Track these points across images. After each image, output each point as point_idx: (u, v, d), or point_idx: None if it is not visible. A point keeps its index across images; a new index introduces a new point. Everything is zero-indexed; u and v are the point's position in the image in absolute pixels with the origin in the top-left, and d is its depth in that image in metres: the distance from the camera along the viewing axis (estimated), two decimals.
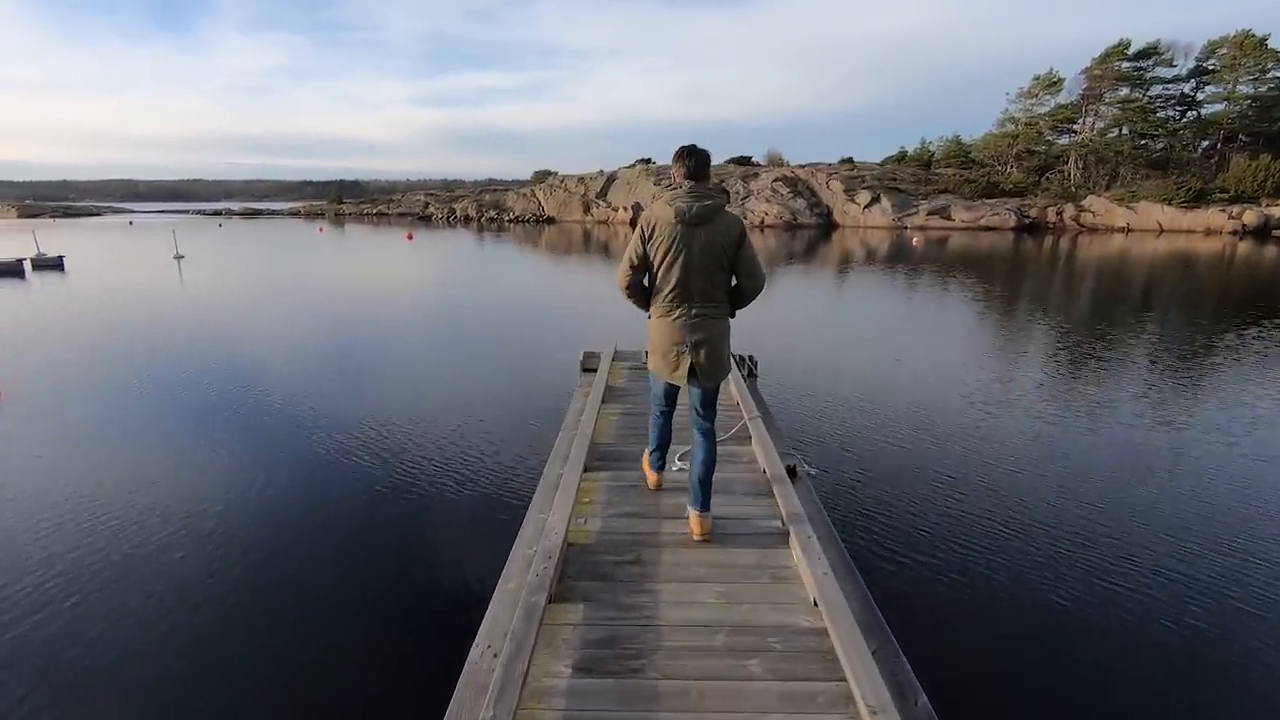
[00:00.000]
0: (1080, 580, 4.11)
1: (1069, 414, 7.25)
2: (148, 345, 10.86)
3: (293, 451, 6.23)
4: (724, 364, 3.11)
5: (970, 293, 16.96)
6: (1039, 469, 5.76)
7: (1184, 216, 40.28)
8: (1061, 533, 4.66)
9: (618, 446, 4.26)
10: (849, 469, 5.74)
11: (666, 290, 2.98)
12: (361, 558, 4.48)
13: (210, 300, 15.88)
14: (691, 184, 2.93)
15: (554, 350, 9.83)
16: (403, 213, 71.84)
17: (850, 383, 8.23)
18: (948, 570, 4.23)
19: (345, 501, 5.21)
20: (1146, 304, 15.56)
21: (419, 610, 3.90)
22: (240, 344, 10.77)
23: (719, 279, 2.97)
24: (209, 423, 7.06)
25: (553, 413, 6.16)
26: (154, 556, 4.35)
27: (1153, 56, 47.70)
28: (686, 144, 2.99)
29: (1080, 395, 8.03)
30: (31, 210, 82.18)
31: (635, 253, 2.99)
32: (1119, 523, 4.79)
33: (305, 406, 7.52)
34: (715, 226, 2.89)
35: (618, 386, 5.53)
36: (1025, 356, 10.02)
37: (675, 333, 3.02)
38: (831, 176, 51.38)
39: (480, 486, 5.37)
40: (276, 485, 5.46)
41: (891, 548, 4.47)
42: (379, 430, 6.67)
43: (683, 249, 2.89)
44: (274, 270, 22.29)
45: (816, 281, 20.27)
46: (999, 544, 4.52)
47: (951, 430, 6.67)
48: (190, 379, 8.81)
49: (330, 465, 5.89)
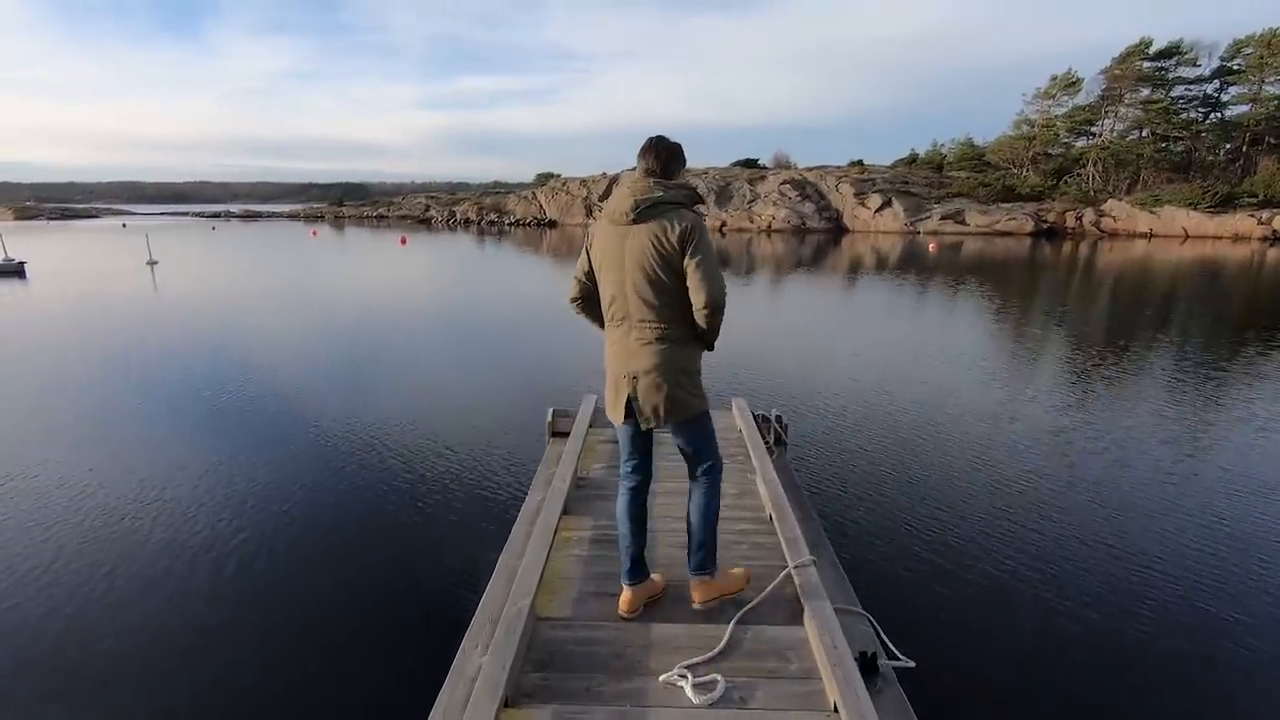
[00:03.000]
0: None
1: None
2: (92, 359, 9.73)
3: (223, 479, 5.29)
4: (675, 402, 2.45)
5: (1010, 311, 15.44)
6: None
7: (1210, 222, 38.63)
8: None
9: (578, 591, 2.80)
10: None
11: (607, 304, 2.51)
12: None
13: (169, 313, 14.50)
14: (635, 178, 2.42)
15: (535, 374, 8.41)
16: (403, 215, 70.76)
17: (890, 447, 6.73)
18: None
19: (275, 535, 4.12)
20: (1214, 319, 14.02)
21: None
22: (188, 363, 9.37)
23: (663, 291, 2.35)
24: (136, 458, 6.00)
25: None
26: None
27: (1175, 56, 46.07)
28: (651, 137, 2.46)
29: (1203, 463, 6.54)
30: (28, 212, 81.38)
31: (581, 262, 2.58)
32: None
33: (244, 429, 6.60)
34: (652, 227, 2.31)
35: (594, 475, 3.89)
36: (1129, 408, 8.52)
37: (616, 358, 2.51)
38: (841, 179, 49.89)
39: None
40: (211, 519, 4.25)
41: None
42: (327, 455, 5.72)
43: (615, 254, 2.40)
44: (247, 278, 20.89)
45: (835, 298, 18.79)
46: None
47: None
48: (125, 399, 7.91)
49: (249, 492, 5.06)
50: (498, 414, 7.23)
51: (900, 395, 7.90)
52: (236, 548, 4.42)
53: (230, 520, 4.78)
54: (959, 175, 51.87)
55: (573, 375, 8.27)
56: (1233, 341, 11.17)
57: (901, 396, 7.85)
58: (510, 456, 5.89)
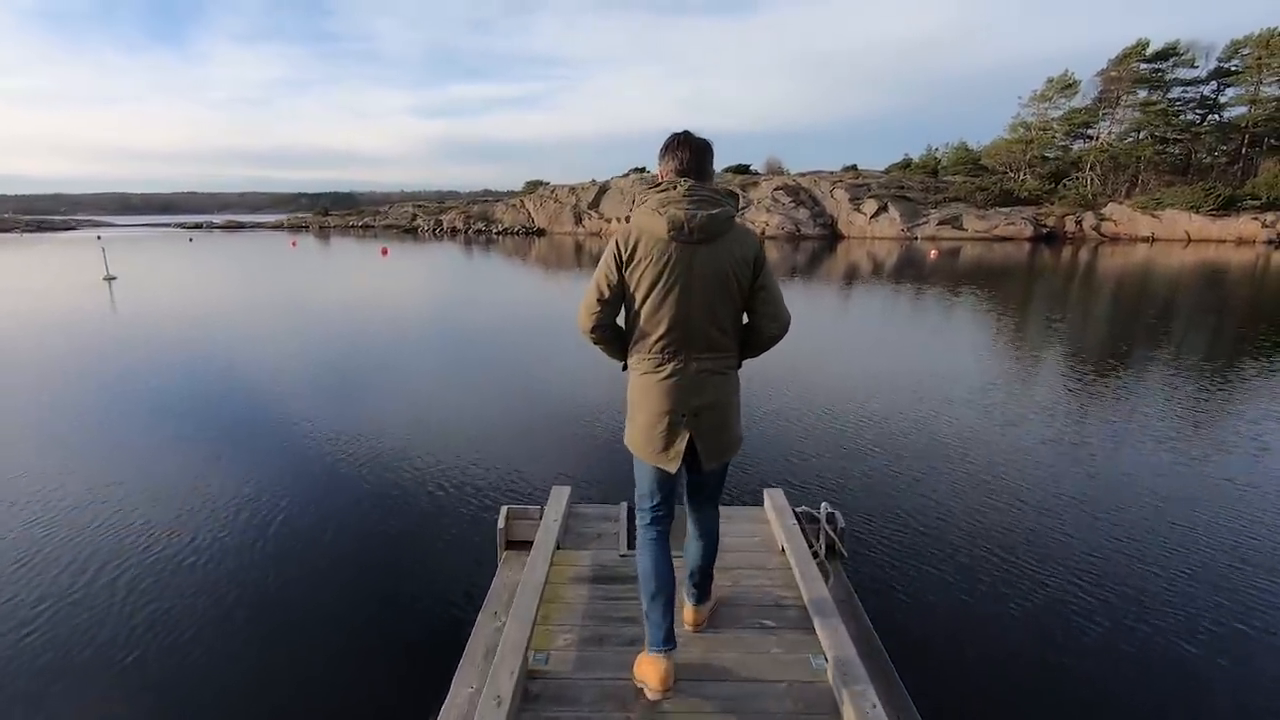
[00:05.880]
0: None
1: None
2: (21, 382, 8.29)
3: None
4: (734, 438, 2.23)
5: (1032, 325, 14.26)
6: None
7: (1213, 225, 37.84)
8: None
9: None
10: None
11: (656, 335, 2.08)
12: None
13: (115, 337, 13.10)
14: (690, 184, 2.03)
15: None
16: (389, 225, 69.25)
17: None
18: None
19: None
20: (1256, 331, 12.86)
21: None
22: (120, 398, 8.00)
23: (728, 319, 2.10)
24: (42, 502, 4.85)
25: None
26: None
27: (1172, 57, 45.46)
28: (679, 130, 2.13)
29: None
30: (4, 224, 79.37)
31: (606, 280, 2.09)
32: None
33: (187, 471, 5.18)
34: (725, 246, 2.03)
35: (571, 599, 2.68)
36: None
37: (668, 396, 2.10)
38: (835, 185, 48.88)
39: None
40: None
41: None
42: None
43: (679, 277, 2.02)
44: (208, 296, 19.41)
45: (858, 318, 17.60)
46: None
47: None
48: (52, 424, 6.70)
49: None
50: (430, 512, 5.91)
51: (997, 471, 5.70)
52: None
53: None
54: (955, 180, 50.99)
55: (528, 457, 5.99)
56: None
57: (999, 472, 5.67)
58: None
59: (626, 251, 2.06)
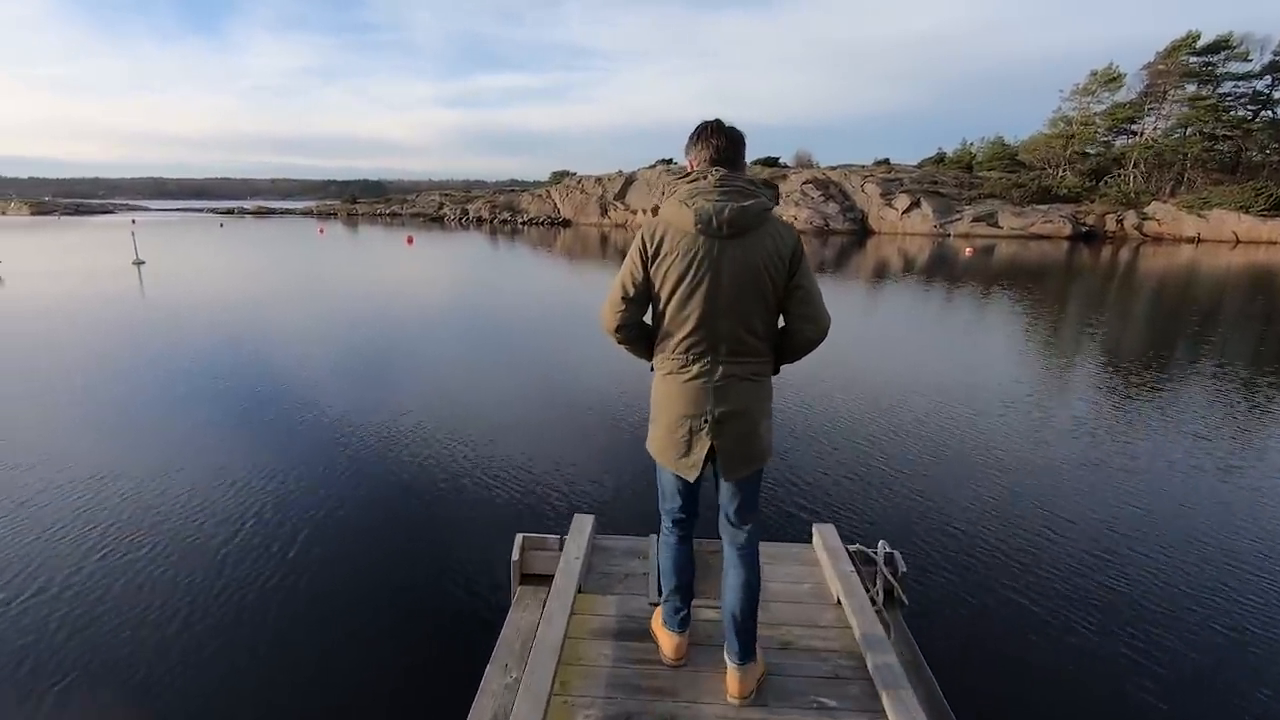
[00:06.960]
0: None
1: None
2: (49, 366, 8.15)
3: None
4: (761, 448, 2.05)
5: (1089, 330, 13.61)
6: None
7: (1264, 226, 36.25)
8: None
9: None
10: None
11: (680, 335, 1.96)
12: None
13: (142, 321, 13.06)
14: (723, 173, 1.90)
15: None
16: (416, 213, 69.56)
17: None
18: None
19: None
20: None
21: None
22: (131, 385, 7.85)
23: (760, 320, 1.94)
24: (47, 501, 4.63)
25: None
26: None
27: (1224, 50, 43.49)
28: (711, 119, 1.97)
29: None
30: (44, 208, 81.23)
31: (632, 277, 1.97)
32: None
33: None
34: (758, 240, 1.88)
35: (594, 660, 2.27)
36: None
37: (690, 399, 1.98)
38: (866, 179, 47.82)
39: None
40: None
41: None
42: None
43: (706, 273, 1.88)
44: (231, 284, 19.34)
45: (903, 324, 17.04)
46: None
47: None
48: (73, 410, 6.56)
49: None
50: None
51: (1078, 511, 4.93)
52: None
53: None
54: (990, 175, 49.55)
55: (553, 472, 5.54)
56: None
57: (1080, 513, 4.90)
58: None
59: (652, 246, 1.95)
